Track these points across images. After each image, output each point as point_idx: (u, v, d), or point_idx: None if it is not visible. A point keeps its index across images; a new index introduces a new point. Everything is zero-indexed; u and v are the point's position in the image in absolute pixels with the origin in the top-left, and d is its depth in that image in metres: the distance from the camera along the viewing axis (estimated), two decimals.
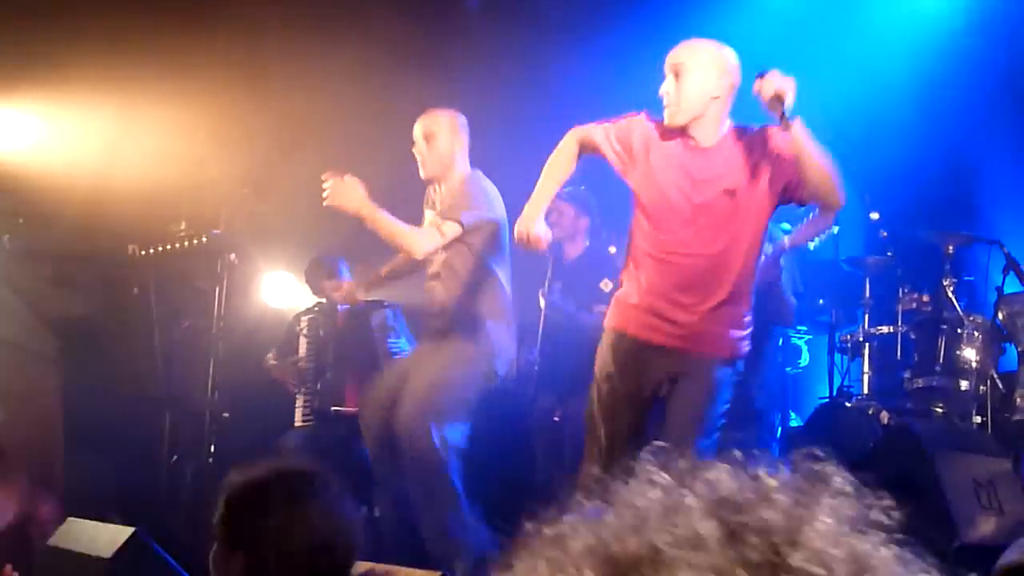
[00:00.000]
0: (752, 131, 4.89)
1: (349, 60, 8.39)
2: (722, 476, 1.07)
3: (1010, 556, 2.95)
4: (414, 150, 6.18)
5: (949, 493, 5.65)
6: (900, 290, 7.36)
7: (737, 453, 1.11)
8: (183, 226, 7.96)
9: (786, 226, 6.82)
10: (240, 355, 7.79)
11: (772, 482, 1.05)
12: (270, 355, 7.66)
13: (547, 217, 7.05)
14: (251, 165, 8.48)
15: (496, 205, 6.09)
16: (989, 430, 6.64)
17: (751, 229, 4.85)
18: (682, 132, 4.90)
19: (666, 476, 1.08)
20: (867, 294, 7.54)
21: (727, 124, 4.89)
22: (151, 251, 7.70)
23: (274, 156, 8.57)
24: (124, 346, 7.89)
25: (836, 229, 7.09)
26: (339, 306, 7.37)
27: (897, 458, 6.02)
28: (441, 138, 6.10)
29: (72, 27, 7.79)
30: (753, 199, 4.81)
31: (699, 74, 4.79)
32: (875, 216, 7.63)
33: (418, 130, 6.15)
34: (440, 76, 8.61)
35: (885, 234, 7.61)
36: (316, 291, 7.68)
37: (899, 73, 8.36)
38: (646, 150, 4.99)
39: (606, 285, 7.12)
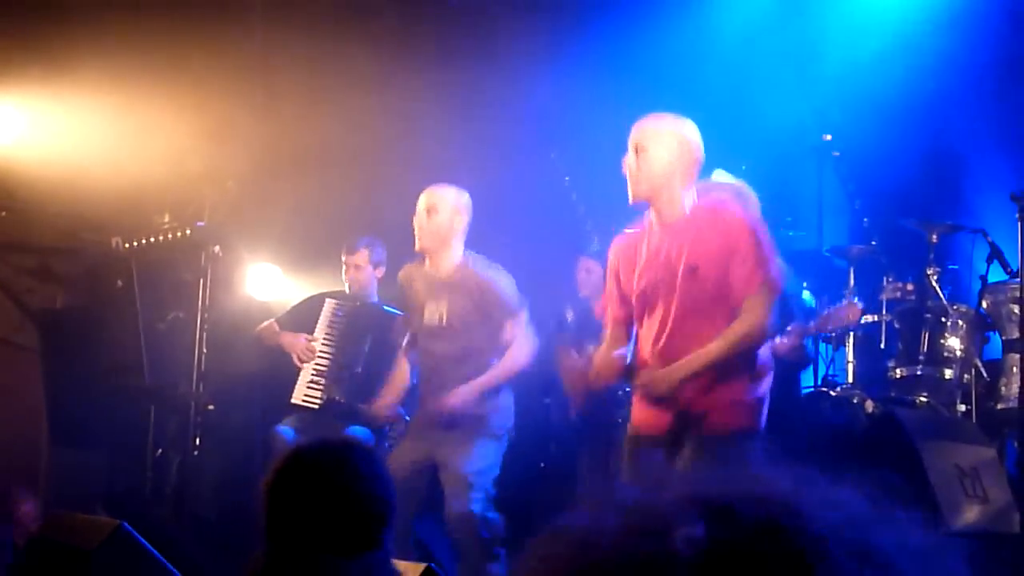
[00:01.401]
0: (713, 209, 4.91)
1: (333, 53, 8.38)
2: None
3: None
4: (414, 219, 6.21)
5: (934, 481, 5.68)
6: (884, 279, 7.36)
7: None
8: (167, 218, 7.95)
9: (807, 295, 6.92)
10: (225, 347, 7.77)
11: None
12: (271, 322, 7.51)
13: (576, 275, 7.19)
14: (235, 157, 8.45)
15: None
16: (974, 418, 6.66)
17: (726, 304, 4.82)
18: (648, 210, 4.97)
19: None
20: (851, 283, 7.54)
21: (691, 200, 4.90)
22: (135, 243, 7.68)
23: (258, 148, 8.55)
24: (108, 339, 7.87)
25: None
26: (372, 301, 7.34)
27: (882, 447, 6.04)
28: (443, 214, 6.17)
29: (57, 20, 7.76)
30: (716, 272, 4.81)
31: (659, 149, 4.84)
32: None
33: (422, 202, 6.21)
34: (427, 68, 8.61)
35: (868, 221, 7.64)
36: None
37: (883, 62, 8.36)
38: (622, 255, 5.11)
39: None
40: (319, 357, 7.32)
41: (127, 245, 7.67)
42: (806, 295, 7.13)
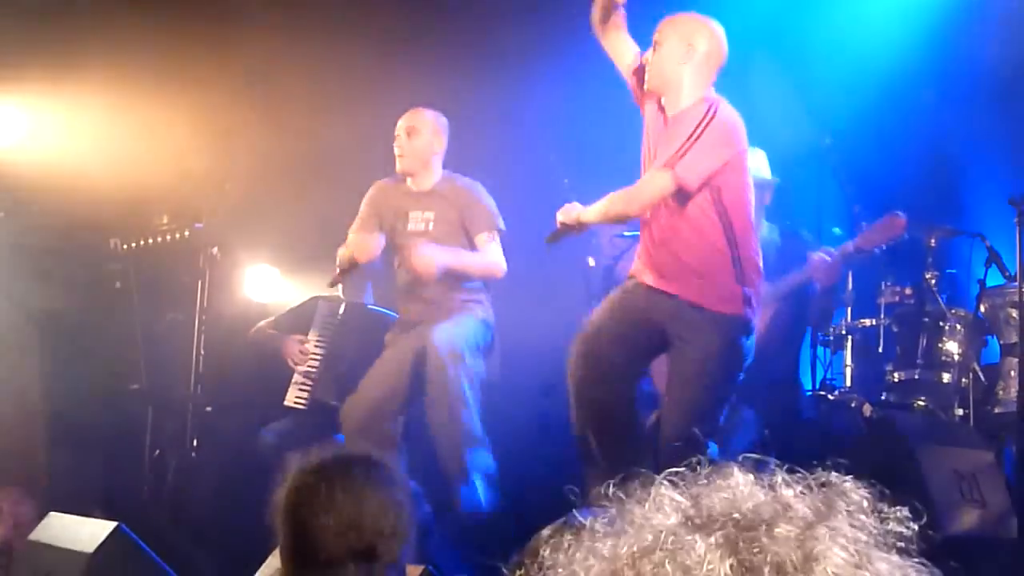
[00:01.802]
0: (710, 102, 5.01)
1: (333, 54, 8.38)
2: (740, 488, 1.06)
3: None
4: (395, 144, 6.39)
5: (931, 486, 5.67)
6: (882, 283, 7.36)
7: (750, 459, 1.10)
8: (166, 220, 7.94)
9: (837, 231, 6.94)
10: (223, 349, 7.77)
11: (789, 495, 1.04)
12: (266, 323, 7.55)
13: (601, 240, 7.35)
14: (234, 159, 8.46)
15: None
16: (971, 423, 6.66)
17: (705, 197, 5.05)
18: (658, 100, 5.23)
19: (682, 500, 1.07)
20: (849, 287, 7.54)
21: (700, 94, 5.03)
22: (134, 245, 7.68)
23: (257, 151, 8.55)
24: (106, 340, 7.87)
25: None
26: (364, 304, 7.39)
27: (879, 451, 6.03)
28: (423, 135, 6.39)
29: (56, 22, 7.76)
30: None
31: (672, 44, 4.99)
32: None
33: (401, 125, 6.40)
34: (426, 69, 8.59)
35: (866, 224, 7.63)
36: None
37: (882, 65, 8.35)
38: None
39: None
40: (311, 359, 7.34)
41: (125, 247, 7.67)
42: (804, 233, 7.18)
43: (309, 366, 7.33)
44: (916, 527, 1.08)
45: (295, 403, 7.32)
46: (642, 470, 1.14)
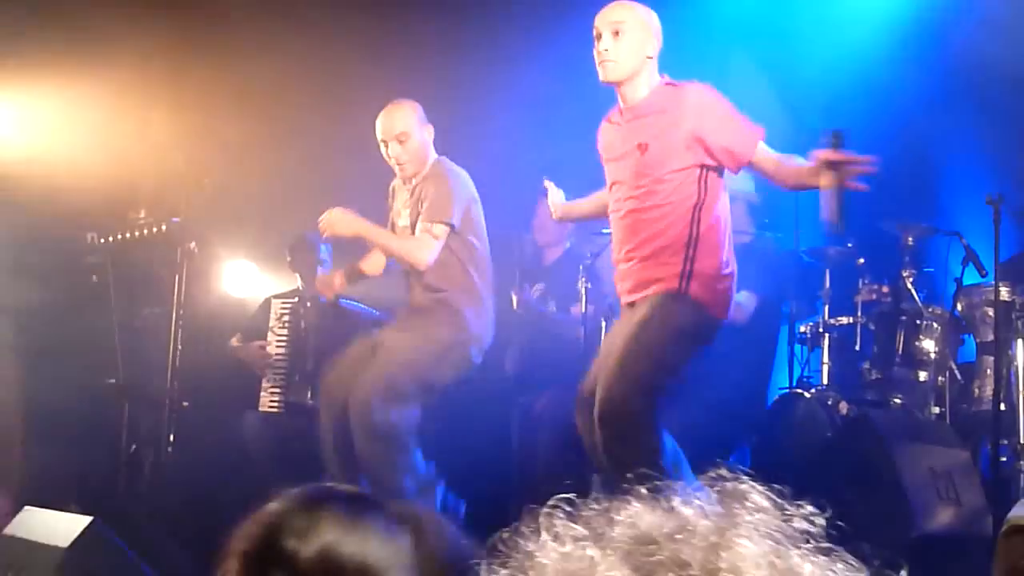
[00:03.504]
0: (675, 86, 5.00)
1: (313, 48, 8.37)
2: (638, 514, 1.05)
3: (1018, 511, 3.01)
4: (387, 152, 6.16)
5: (907, 484, 5.69)
6: (860, 281, 7.38)
7: (645, 488, 1.09)
8: (143, 214, 7.91)
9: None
10: (200, 344, 7.76)
11: (688, 512, 1.03)
12: (235, 338, 7.67)
13: (531, 221, 7.23)
14: (212, 153, 8.43)
15: (469, 186, 6.18)
16: (948, 421, 6.69)
17: (671, 183, 4.96)
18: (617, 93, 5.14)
19: (575, 528, 1.06)
20: (827, 285, 7.56)
21: (655, 80, 5.01)
22: (110, 239, 7.64)
23: (235, 145, 8.53)
24: (83, 334, 7.84)
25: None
26: (319, 297, 7.36)
27: (856, 449, 6.06)
28: (414, 135, 6.12)
29: (32, 14, 7.72)
30: (667, 152, 4.88)
31: (637, 33, 4.93)
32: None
33: (387, 130, 6.14)
34: (406, 63, 8.58)
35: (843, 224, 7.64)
36: (300, 269, 7.69)
37: (858, 63, 8.38)
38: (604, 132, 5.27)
39: (583, 285, 7.19)
40: (275, 361, 7.35)
41: (102, 240, 7.64)
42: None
43: (274, 369, 7.34)
44: (823, 522, 1.08)
45: (269, 408, 7.34)
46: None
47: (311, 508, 2.48)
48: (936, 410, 6.83)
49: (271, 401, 7.37)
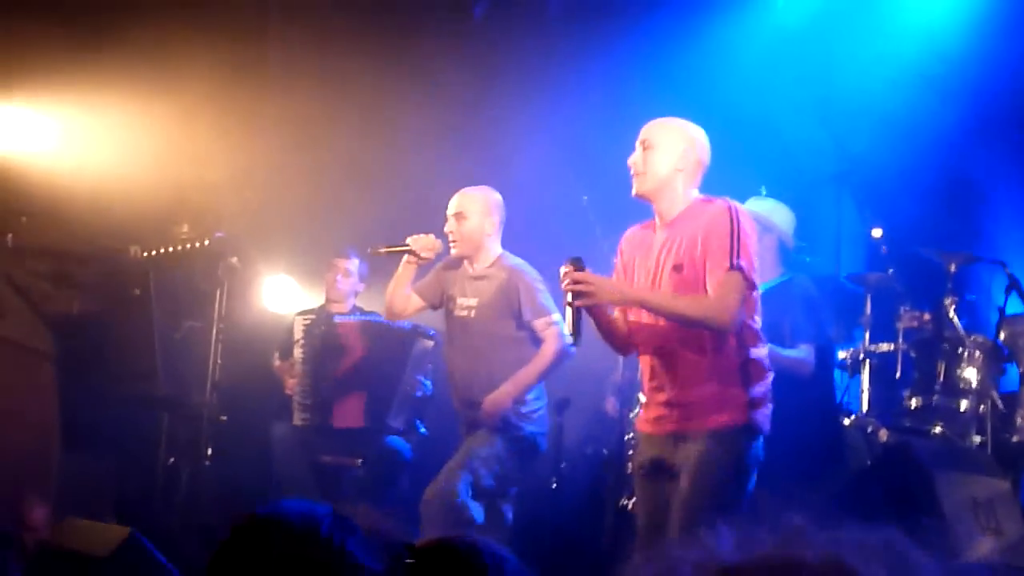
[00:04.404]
0: (708, 202, 4.86)
1: (354, 66, 8.41)
2: None
3: None
4: (446, 227, 6.28)
5: (948, 513, 5.65)
6: (901, 308, 7.34)
7: None
8: (185, 228, 7.97)
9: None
10: (239, 358, 7.79)
11: None
12: (276, 355, 7.74)
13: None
14: (254, 168, 8.49)
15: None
16: (989, 450, 6.63)
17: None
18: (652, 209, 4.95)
19: None
20: (867, 311, 7.53)
21: (692, 198, 4.89)
22: (153, 252, 7.69)
23: (277, 160, 8.58)
24: (123, 346, 7.87)
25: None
26: (334, 315, 7.42)
27: (896, 476, 6.01)
28: (472, 218, 6.24)
29: (79, 28, 7.80)
30: (699, 269, 4.73)
31: (666, 147, 4.84)
32: (877, 233, 7.63)
33: (452, 207, 6.28)
34: (441, 81, 8.63)
35: (886, 250, 7.62)
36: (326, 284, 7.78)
37: (903, 89, 8.36)
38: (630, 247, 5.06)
39: None
40: (301, 379, 7.38)
41: (145, 254, 7.69)
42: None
43: (301, 387, 7.38)
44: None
45: (301, 423, 7.38)
46: None
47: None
48: (977, 439, 6.77)
49: (301, 418, 7.41)
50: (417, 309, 6.48)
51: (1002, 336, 6.98)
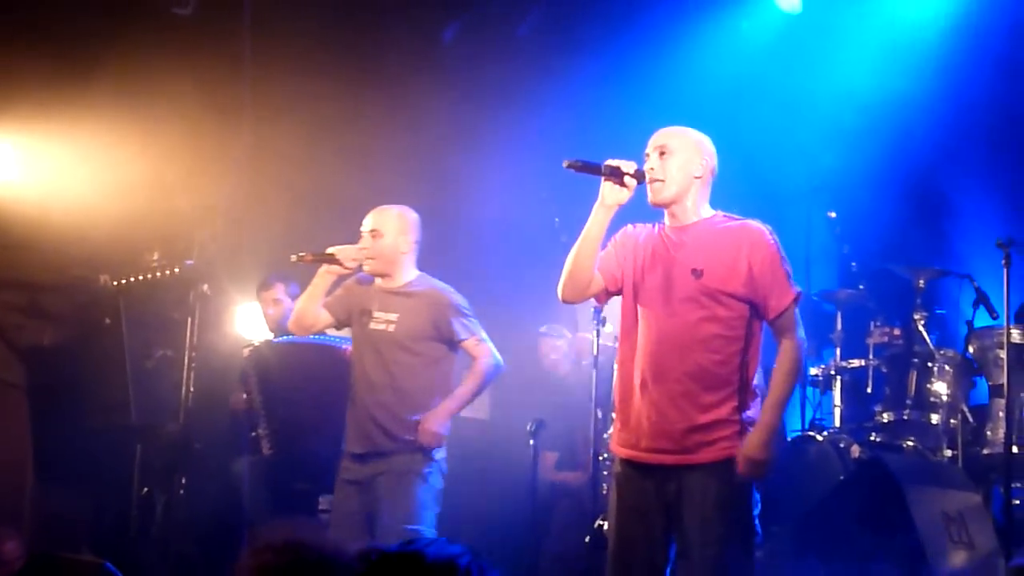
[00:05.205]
0: (735, 221, 4.85)
1: (325, 90, 8.42)
2: None
3: (1020, 560, 2.99)
4: (359, 244, 6.14)
5: (919, 527, 5.68)
6: (871, 324, 7.38)
7: None
8: (156, 256, 7.95)
9: None
10: (212, 386, 7.76)
11: None
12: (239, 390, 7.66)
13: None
14: (224, 196, 8.47)
15: None
16: (960, 464, 6.65)
17: (723, 311, 4.68)
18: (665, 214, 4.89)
19: None
20: (838, 327, 7.57)
21: (707, 209, 4.88)
22: (123, 281, 7.68)
23: (248, 187, 8.57)
24: (95, 376, 7.86)
25: None
26: (273, 340, 7.35)
27: (868, 492, 6.04)
28: (388, 236, 6.10)
29: (51, 58, 7.78)
30: (723, 280, 4.68)
31: (684, 154, 4.81)
32: (832, 214, 7.73)
33: (367, 224, 6.15)
34: (415, 104, 8.64)
35: (856, 266, 7.67)
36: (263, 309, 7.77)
37: (873, 107, 8.41)
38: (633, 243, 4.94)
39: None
40: (258, 408, 7.23)
41: (115, 283, 7.68)
42: None
43: (259, 419, 7.21)
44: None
45: (268, 452, 7.27)
46: None
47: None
48: (948, 453, 6.80)
49: (268, 447, 7.26)
50: (326, 325, 6.27)
51: (971, 349, 7.02)
